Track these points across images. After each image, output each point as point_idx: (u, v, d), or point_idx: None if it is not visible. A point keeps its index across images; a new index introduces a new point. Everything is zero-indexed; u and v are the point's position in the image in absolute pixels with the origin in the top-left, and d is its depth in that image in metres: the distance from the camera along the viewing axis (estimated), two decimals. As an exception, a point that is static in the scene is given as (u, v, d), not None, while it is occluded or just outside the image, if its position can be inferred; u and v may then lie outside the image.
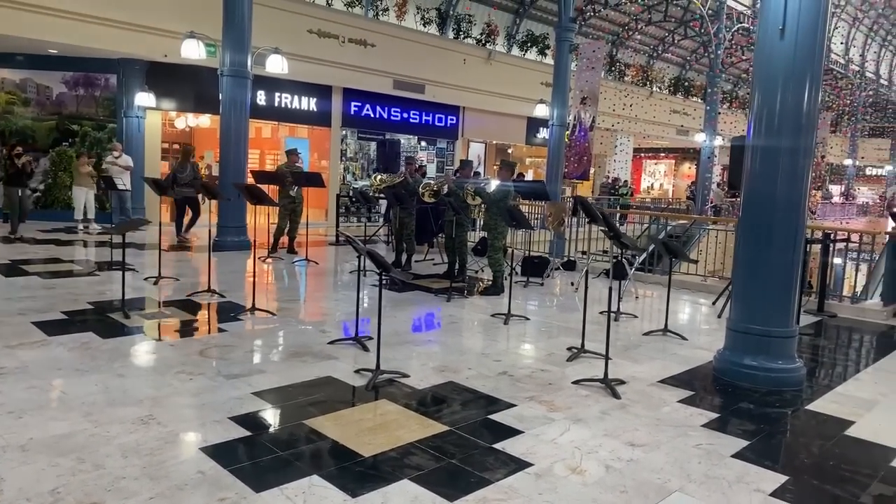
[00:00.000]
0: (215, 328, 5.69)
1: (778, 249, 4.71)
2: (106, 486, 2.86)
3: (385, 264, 4.41)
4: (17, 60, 12.98)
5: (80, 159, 12.24)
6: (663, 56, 26.91)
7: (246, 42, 10.43)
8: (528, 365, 5.01)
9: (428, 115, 18.11)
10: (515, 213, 6.50)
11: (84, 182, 12.03)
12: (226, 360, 4.81)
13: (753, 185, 4.79)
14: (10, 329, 5.22)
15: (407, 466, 3.21)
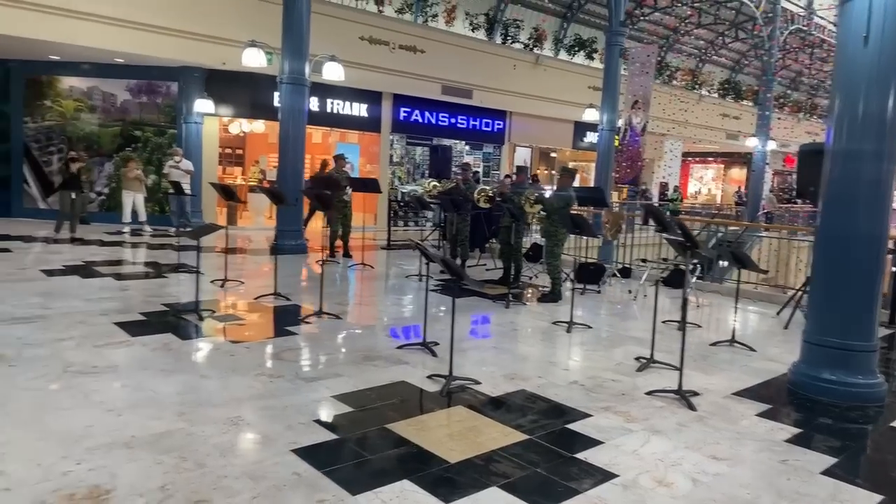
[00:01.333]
0: (286, 331, 5.83)
1: (859, 259, 4.60)
2: (210, 484, 2.98)
3: (459, 272, 4.46)
4: (84, 69, 13.52)
5: (128, 164, 12.60)
6: (713, 59, 26.40)
7: (304, 50, 10.67)
8: (597, 374, 5.00)
9: (475, 119, 18.18)
10: (579, 220, 6.48)
11: (132, 186, 12.35)
12: (301, 362, 4.94)
13: (834, 193, 4.69)
14: (96, 329, 5.46)
15: (493, 474, 3.25)
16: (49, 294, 6.68)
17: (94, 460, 3.14)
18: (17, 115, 13.60)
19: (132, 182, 12.34)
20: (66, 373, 4.36)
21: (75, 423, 3.54)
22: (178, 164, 12.34)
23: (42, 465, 3.06)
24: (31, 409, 3.74)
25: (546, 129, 19.90)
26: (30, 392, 3.99)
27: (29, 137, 13.63)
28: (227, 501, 2.84)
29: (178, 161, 12.43)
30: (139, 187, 12.45)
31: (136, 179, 12.35)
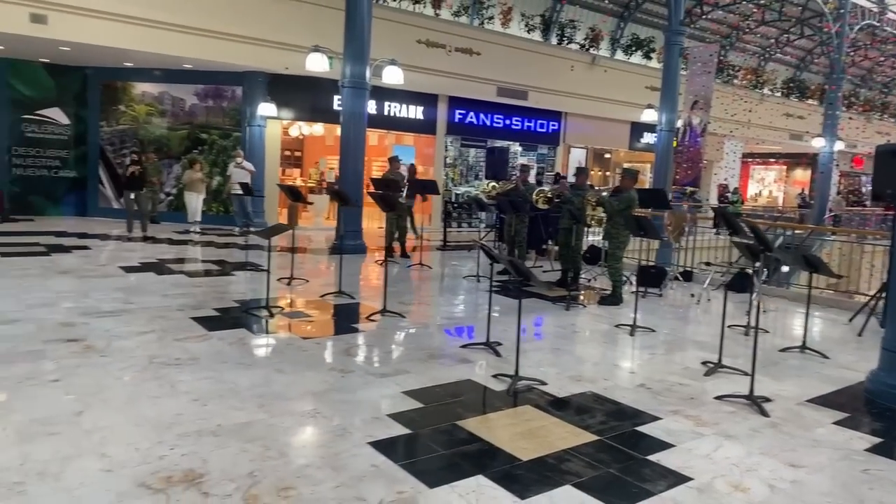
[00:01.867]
0: (352, 328, 5.99)
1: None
2: (294, 472, 3.12)
3: (527, 273, 4.50)
4: (155, 75, 14.14)
5: (193, 166, 13.09)
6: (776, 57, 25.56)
7: (365, 54, 10.89)
8: (664, 378, 4.96)
9: (529, 121, 18.14)
10: (644, 222, 6.43)
11: (195, 188, 12.87)
12: (369, 358, 5.08)
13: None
14: (174, 323, 5.73)
15: (566, 472, 3.29)
16: (129, 289, 7.04)
17: (185, 446, 3.32)
18: (93, 119, 14.33)
19: (195, 183, 12.85)
20: (152, 364, 4.60)
21: (165, 411, 3.75)
22: (241, 165, 12.75)
23: (140, 450, 3.26)
24: (124, 396, 3.97)
25: (602, 130, 19.68)
26: (121, 381, 4.24)
27: (104, 140, 14.34)
28: (311, 490, 2.97)
29: (240, 162, 12.82)
30: (201, 188, 12.95)
31: (200, 181, 12.87)
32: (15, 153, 13.67)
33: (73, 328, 5.37)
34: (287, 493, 2.92)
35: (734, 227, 4.80)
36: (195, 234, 12.37)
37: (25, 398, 3.83)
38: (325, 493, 2.94)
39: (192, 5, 11.90)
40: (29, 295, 6.49)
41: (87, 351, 4.78)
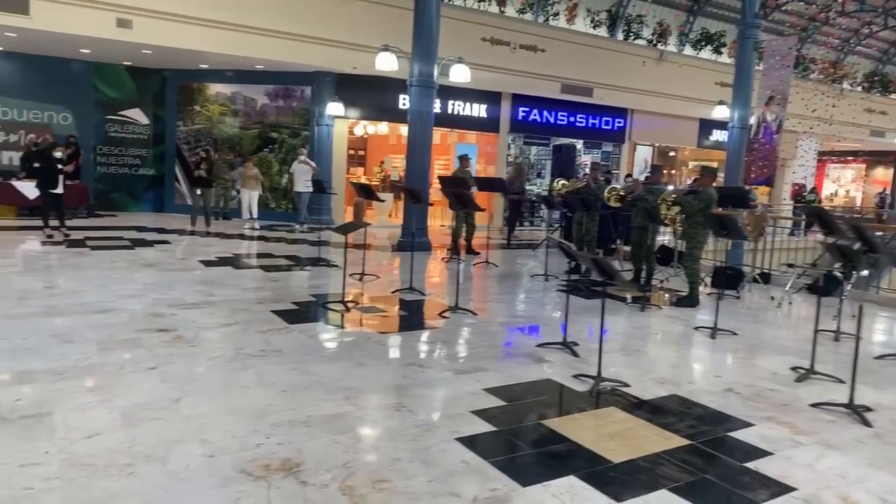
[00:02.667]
0: (427, 324, 6.02)
1: None
2: (386, 465, 3.15)
3: (613, 272, 4.41)
4: (228, 76, 14.61)
5: (246, 164, 13.32)
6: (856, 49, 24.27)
7: (433, 53, 10.94)
8: (752, 383, 4.77)
9: (594, 118, 17.85)
10: (727, 222, 6.20)
11: (249, 185, 13.09)
12: (447, 355, 5.08)
13: None
14: (256, 316, 5.90)
15: (661, 476, 3.20)
16: (210, 282, 7.28)
17: (279, 435, 3.40)
18: (170, 119, 14.93)
19: (249, 180, 13.08)
20: (239, 355, 4.74)
21: (257, 401, 3.85)
22: (304, 162, 13.01)
23: (237, 437, 3.36)
24: (217, 385, 4.10)
25: (669, 127, 19.18)
26: (212, 370, 4.38)
27: (180, 139, 14.91)
28: (405, 483, 2.98)
29: (303, 159, 13.09)
30: (256, 185, 13.16)
31: (254, 178, 13.08)
32: (99, 152, 14.38)
33: (162, 319, 5.59)
34: (381, 485, 2.95)
35: (831, 227, 4.56)
36: (252, 230, 12.50)
37: (127, 384, 4.00)
38: (418, 487, 2.96)
39: (266, 8, 12.22)
40: (119, 286, 6.80)
41: (177, 341, 4.97)
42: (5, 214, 12.52)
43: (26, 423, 3.35)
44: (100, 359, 4.44)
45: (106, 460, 3.01)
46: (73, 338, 4.88)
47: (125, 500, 2.69)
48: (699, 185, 7.50)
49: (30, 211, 12.94)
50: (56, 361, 4.33)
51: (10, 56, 13.07)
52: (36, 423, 3.36)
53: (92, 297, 6.23)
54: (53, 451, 3.06)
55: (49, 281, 6.87)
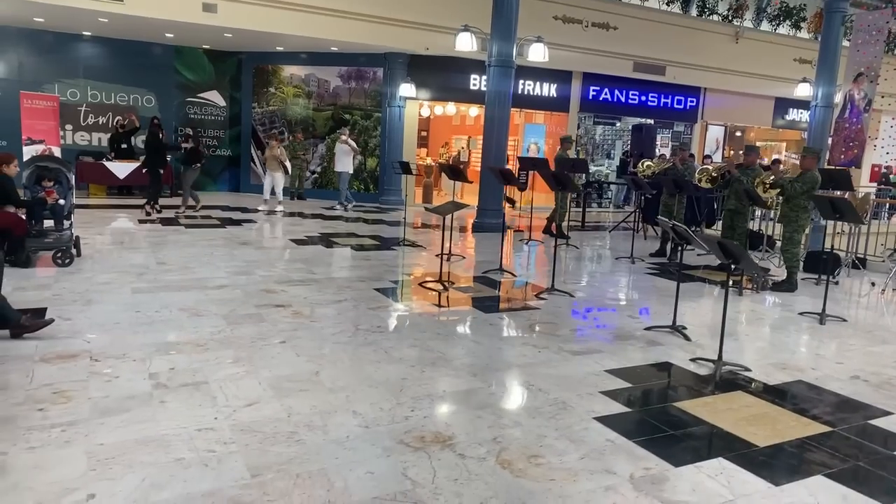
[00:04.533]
0: (528, 305, 6.06)
1: None
2: (535, 441, 3.21)
3: (739, 255, 4.33)
4: (302, 58, 14.83)
5: (271, 144, 12.53)
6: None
7: (512, 33, 10.84)
8: (879, 371, 4.64)
9: (666, 97, 17.40)
10: (840, 204, 6.00)
11: (271, 166, 12.21)
12: (557, 336, 5.11)
13: None
14: (362, 293, 6.05)
15: (812, 462, 3.17)
16: (307, 261, 7.50)
17: (423, 409, 3.51)
18: (246, 101, 15.29)
19: (272, 161, 12.23)
20: (359, 330, 4.89)
21: (390, 375, 3.98)
22: (346, 142, 12.90)
23: (384, 409, 3.48)
24: (347, 359, 4.25)
25: (742, 106, 18.55)
26: (339, 345, 4.53)
27: (256, 121, 15.27)
28: (559, 459, 3.04)
29: (345, 139, 12.95)
30: (278, 167, 12.26)
31: (275, 159, 12.20)
32: (180, 133, 14.85)
33: (275, 295, 5.80)
34: (537, 460, 3.02)
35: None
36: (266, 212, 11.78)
37: (265, 357, 4.18)
38: (572, 463, 3.01)
39: (340, -11, 12.33)
40: (224, 263, 7.08)
41: (297, 316, 5.15)
42: (97, 193, 13.14)
43: (187, 391, 3.55)
44: (231, 332, 4.65)
45: (271, 428, 3.17)
46: (199, 311, 5.12)
47: (302, 465, 2.83)
48: (802, 167, 7.25)
49: (118, 190, 13.58)
50: (194, 333, 4.56)
51: (98, 41, 13.60)
52: (195, 391, 3.56)
53: (203, 273, 6.50)
54: (221, 418, 3.24)
55: (159, 257, 7.18)
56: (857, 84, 13.38)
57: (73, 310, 4.97)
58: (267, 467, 2.79)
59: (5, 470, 2.64)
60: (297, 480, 2.70)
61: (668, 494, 2.78)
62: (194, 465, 2.76)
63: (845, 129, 13.70)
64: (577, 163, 9.61)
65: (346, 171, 13.11)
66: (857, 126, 13.56)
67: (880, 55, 13.08)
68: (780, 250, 7.64)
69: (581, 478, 2.88)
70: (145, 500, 2.48)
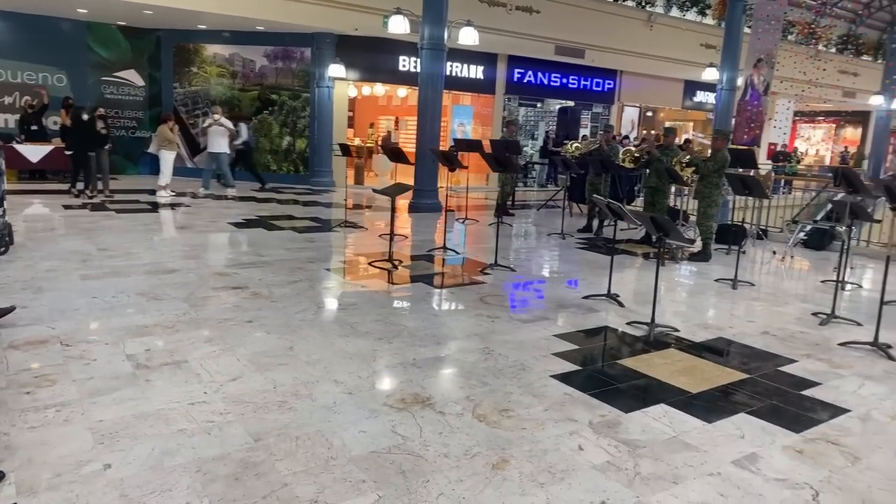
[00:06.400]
0: (475, 279, 6.43)
1: None
2: (503, 398, 3.58)
3: (669, 227, 4.85)
4: (225, 37, 14.46)
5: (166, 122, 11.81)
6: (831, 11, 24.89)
7: (443, 16, 11.07)
8: (783, 327, 5.33)
9: (586, 79, 18.17)
10: (749, 181, 6.70)
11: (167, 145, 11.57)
12: (506, 306, 5.51)
13: None
14: (314, 274, 6.23)
15: (737, 403, 3.71)
16: (253, 244, 7.54)
17: (399, 375, 3.81)
18: (167, 80, 14.77)
19: (165, 141, 11.56)
20: (321, 308, 5.10)
21: (361, 348, 4.24)
22: (218, 122, 11.94)
23: (362, 378, 3.75)
24: (317, 335, 4.46)
25: (655, 89, 19.65)
26: (306, 322, 4.73)
27: (178, 102, 14.79)
28: (527, 411, 3.43)
29: (218, 119, 11.99)
30: (171, 146, 11.67)
31: (167, 139, 11.54)
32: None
33: (229, 277, 5.89)
34: (508, 413, 3.39)
35: (857, 186, 5.07)
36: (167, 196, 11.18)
37: (235, 336, 4.33)
38: (538, 414, 3.40)
39: (269, -33, 12.12)
40: (169, 248, 7.03)
41: (257, 297, 5.29)
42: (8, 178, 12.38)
43: (170, 370, 3.68)
44: (196, 314, 4.74)
45: (261, 398, 3.38)
46: (158, 296, 5.16)
47: (299, 428, 3.07)
48: (713, 147, 7.96)
49: (30, 174, 12.88)
50: (159, 316, 4.63)
51: (3, 15, 12.74)
52: (178, 370, 3.69)
53: (149, 258, 6.46)
54: (210, 392, 3.41)
55: (99, 243, 7.03)
56: (758, 69, 14.50)
57: (25, 298, 4.90)
58: (267, 433, 3.01)
59: (13, 448, 2.73)
60: (297, 441, 2.94)
61: (623, 435, 3.22)
62: (198, 434, 2.95)
63: (747, 111, 14.84)
64: (511, 144, 10.01)
65: (224, 152, 12.19)
66: (757, 108, 14.72)
67: (777, 43, 14.24)
68: (695, 224, 8.36)
69: (548, 426, 3.28)
70: (161, 466, 2.66)
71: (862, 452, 3.19)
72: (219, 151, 12.16)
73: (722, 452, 3.10)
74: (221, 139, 12.16)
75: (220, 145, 12.18)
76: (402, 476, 2.71)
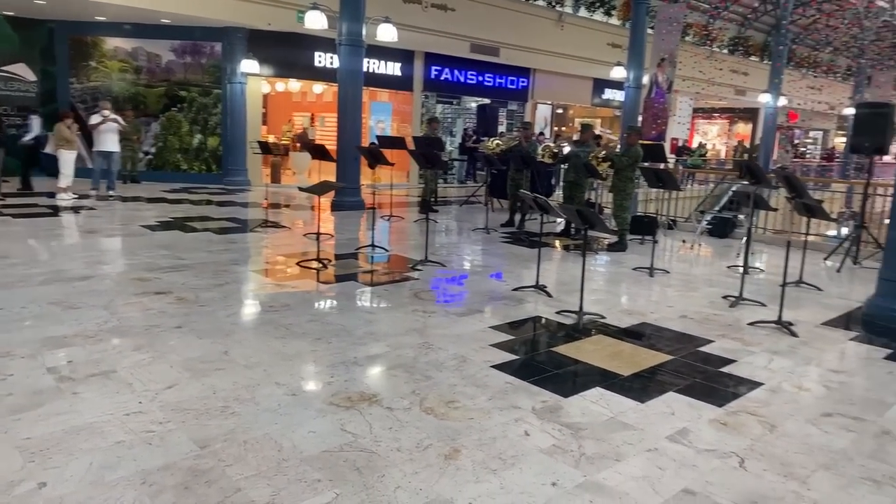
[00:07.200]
0: (407, 276, 6.45)
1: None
2: (448, 390, 3.64)
3: (594, 220, 5.06)
4: (126, 29, 13.70)
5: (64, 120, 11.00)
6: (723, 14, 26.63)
7: (361, 12, 10.99)
8: (699, 310, 5.69)
9: (501, 77, 18.53)
10: (663, 174, 7.09)
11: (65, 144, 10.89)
12: (440, 301, 5.58)
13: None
14: (240, 276, 6.06)
15: (665, 382, 3.95)
16: (170, 247, 7.21)
17: (342, 374, 3.78)
18: (62, 75, 13.82)
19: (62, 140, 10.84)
20: (253, 311, 4.97)
21: (300, 349, 4.17)
22: (108, 118, 11.16)
23: (305, 378, 3.70)
24: (252, 338, 4.35)
25: (566, 87, 20.30)
26: (238, 326, 4.60)
27: (75, 98, 13.87)
28: (472, 401, 3.50)
29: (108, 115, 11.20)
30: (71, 146, 10.97)
31: (64, 138, 10.83)
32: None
33: (150, 283, 5.62)
34: (454, 404, 3.45)
35: (759, 177, 5.49)
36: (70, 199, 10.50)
37: (165, 343, 4.15)
38: (484, 404, 3.49)
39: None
40: (79, 254, 6.61)
41: (183, 302, 5.08)
42: None
43: (98, 381, 3.49)
44: (119, 322, 4.51)
45: (201, 405, 3.27)
46: (74, 304, 4.86)
47: (246, 433, 3.00)
48: (628, 143, 8.36)
49: None
50: (77, 326, 4.36)
51: None
52: (107, 380, 3.50)
53: (58, 265, 6.06)
54: (146, 402, 3.26)
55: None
56: (661, 68, 15.30)
57: (-80, 312, 4.48)
58: (212, 439, 2.92)
59: (-70, 474, 2.52)
60: (245, 446, 2.88)
61: (564, 419, 3.36)
62: (138, 445, 2.82)
63: (653, 108, 15.64)
64: (434, 141, 10.08)
65: (118, 150, 11.42)
66: (662, 105, 15.55)
67: (677, 43, 15.10)
68: (612, 216, 8.75)
69: (494, 414, 3.36)
70: (102, 481, 2.53)
71: (777, 421, 3.48)
72: (112, 150, 11.34)
73: (656, 429, 3.29)
74: (114, 136, 11.32)
75: (113, 143, 11.35)
76: (358, 473, 2.71)
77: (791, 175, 5.57)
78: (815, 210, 5.37)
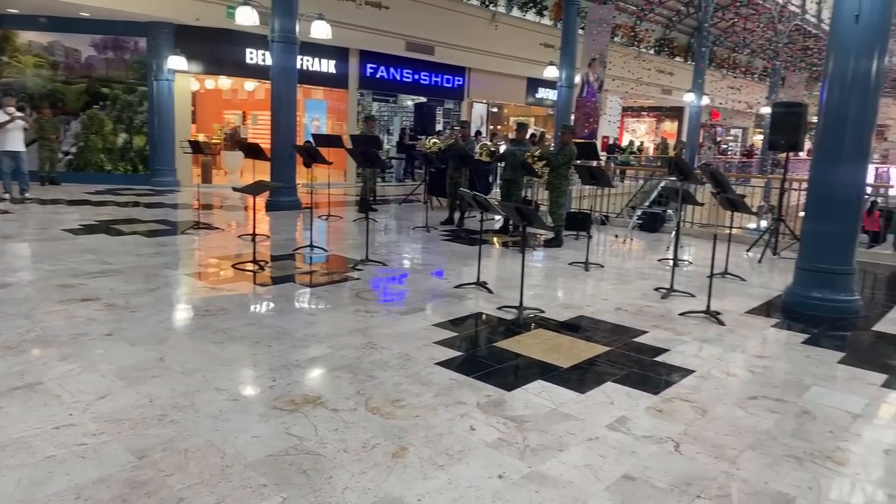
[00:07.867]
0: (347, 276, 6.40)
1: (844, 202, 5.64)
2: (394, 389, 3.64)
3: (532, 217, 5.17)
4: (42, 23, 12.98)
5: None
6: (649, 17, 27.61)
7: (294, 8, 10.79)
8: (633, 302, 5.90)
9: (437, 76, 18.60)
10: (596, 172, 7.30)
11: None
12: (381, 300, 5.56)
13: (825, 145, 5.67)
14: (173, 279, 5.86)
15: (602, 373, 4.08)
16: (96, 251, 6.90)
17: (283, 378, 3.72)
18: (-31, 71, 12.96)
19: None
20: (188, 315, 4.81)
21: (238, 353, 4.08)
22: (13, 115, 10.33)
23: (245, 383, 3.62)
24: (188, 343, 4.22)
25: (501, 86, 20.57)
26: (173, 331, 4.45)
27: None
28: (417, 399, 3.52)
29: (12, 112, 10.40)
30: None
31: None
32: None
33: (75, 289, 5.35)
34: (399, 403, 3.45)
35: (687, 174, 5.74)
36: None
37: (94, 351, 3.97)
38: (429, 400, 3.51)
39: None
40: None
41: (112, 308, 4.87)
42: None
43: (23, 394, 3.30)
44: (43, 331, 4.28)
45: (137, 414, 3.15)
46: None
47: (186, 440, 2.91)
48: (562, 141, 8.56)
49: None
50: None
51: None
52: (32, 393, 3.32)
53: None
54: (77, 413, 3.12)
55: None
56: (592, 68, 15.72)
57: None
58: (150, 448, 2.82)
59: None
60: (186, 454, 2.79)
61: (509, 412, 3.42)
62: (70, 459, 2.70)
63: (585, 107, 16.05)
64: (371, 139, 10.02)
65: (23, 150, 10.59)
66: (593, 104, 15.98)
67: (607, 44, 15.55)
68: (548, 213, 8.94)
69: (439, 411, 3.39)
70: (32, 498, 2.41)
71: (708, 405, 3.66)
72: (18, 150, 10.52)
73: (597, 419, 3.40)
74: (20, 134, 10.55)
75: (19, 142, 10.54)
76: (305, 475, 2.68)
77: (716, 171, 5.85)
78: (738, 204, 5.66)
